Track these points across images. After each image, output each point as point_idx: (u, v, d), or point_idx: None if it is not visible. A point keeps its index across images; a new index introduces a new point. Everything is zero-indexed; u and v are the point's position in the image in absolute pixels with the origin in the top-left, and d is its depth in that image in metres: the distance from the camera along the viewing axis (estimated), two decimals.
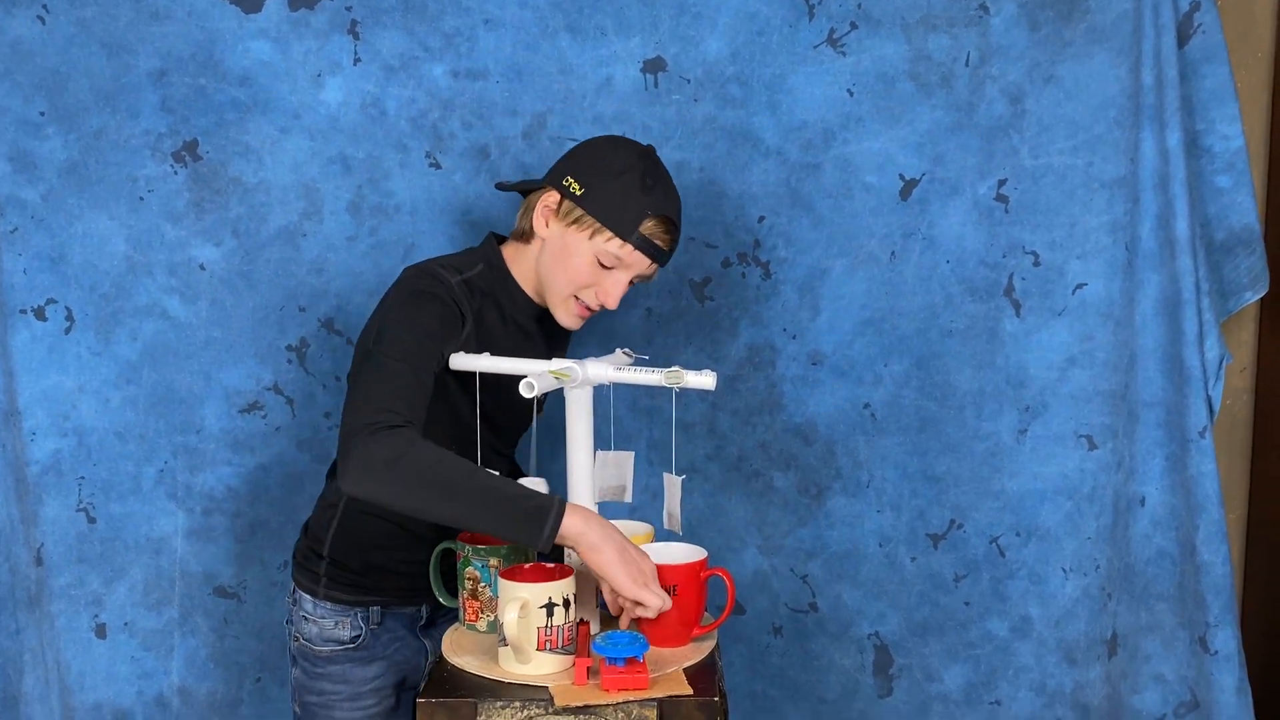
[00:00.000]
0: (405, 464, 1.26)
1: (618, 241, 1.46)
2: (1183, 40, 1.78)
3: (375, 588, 1.54)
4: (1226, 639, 1.80)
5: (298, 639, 1.56)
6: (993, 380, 1.85)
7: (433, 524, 1.36)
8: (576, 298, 1.50)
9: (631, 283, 1.52)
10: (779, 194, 1.83)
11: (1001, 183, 1.82)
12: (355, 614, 1.54)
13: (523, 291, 1.55)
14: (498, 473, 1.34)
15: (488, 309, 1.51)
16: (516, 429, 1.62)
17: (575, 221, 1.47)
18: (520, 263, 1.54)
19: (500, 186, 1.60)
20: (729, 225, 1.84)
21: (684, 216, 1.83)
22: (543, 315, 1.57)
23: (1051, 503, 1.86)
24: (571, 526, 1.27)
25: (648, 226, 1.46)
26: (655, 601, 1.28)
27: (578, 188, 1.47)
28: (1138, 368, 1.82)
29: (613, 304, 1.49)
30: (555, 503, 1.28)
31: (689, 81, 1.81)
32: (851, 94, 1.81)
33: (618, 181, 1.46)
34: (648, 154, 1.51)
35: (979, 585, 1.88)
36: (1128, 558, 1.85)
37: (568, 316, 1.52)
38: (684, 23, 1.79)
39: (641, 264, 1.49)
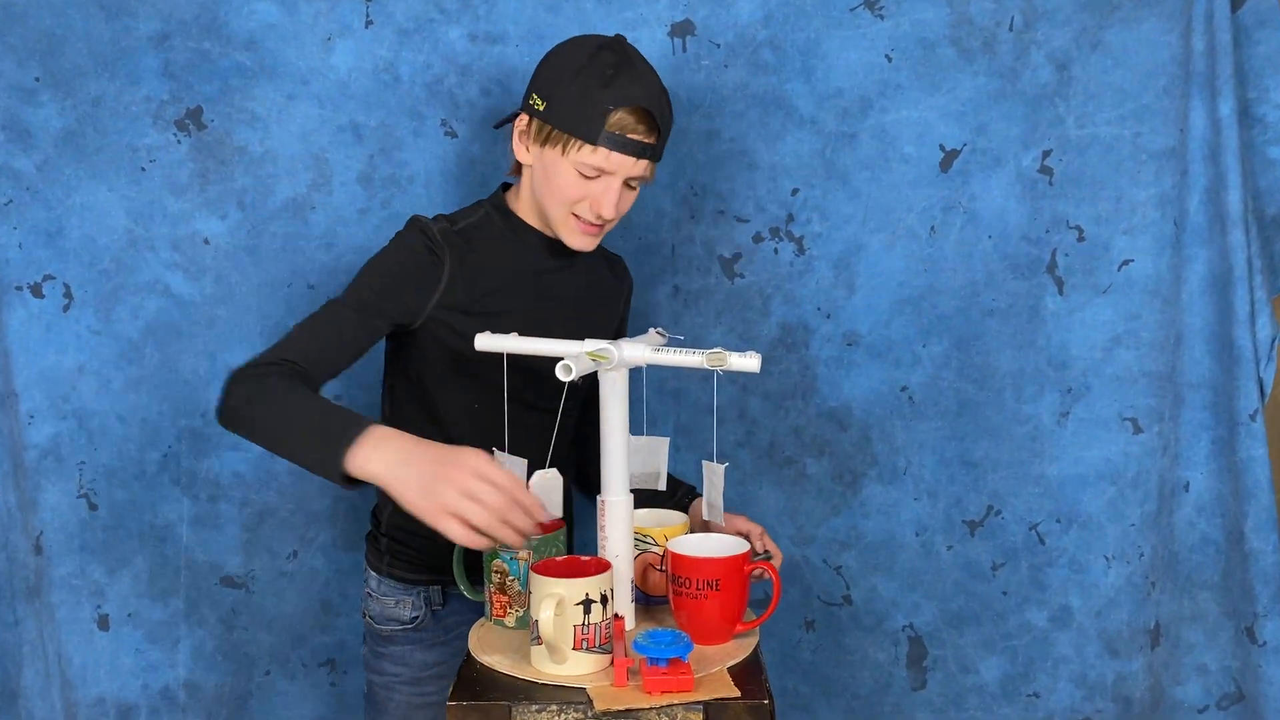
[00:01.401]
0: (246, 397, 1.24)
1: (588, 148, 1.36)
2: (1236, 4, 1.71)
3: (434, 566, 1.48)
4: (1276, 630, 1.74)
5: (365, 615, 1.55)
6: (1034, 361, 1.78)
7: None
8: (575, 215, 1.42)
9: (631, 186, 1.43)
10: (813, 165, 1.75)
11: (1046, 154, 1.74)
12: (417, 593, 1.50)
13: (532, 229, 1.48)
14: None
15: (492, 254, 1.44)
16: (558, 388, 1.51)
17: (547, 139, 1.39)
18: (523, 199, 1.48)
19: (497, 126, 1.53)
20: (760, 198, 1.76)
21: (713, 189, 1.76)
22: (570, 254, 1.50)
23: (1094, 488, 1.80)
24: (365, 471, 1.14)
25: (615, 121, 1.36)
26: (463, 535, 1.12)
27: (540, 102, 1.39)
28: (1184, 348, 1.76)
29: (609, 213, 1.40)
30: (345, 441, 1.14)
31: (719, 46, 1.72)
32: (890, 60, 1.72)
33: (575, 83, 1.36)
34: (609, 44, 1.40)
35: (1017, 574, 1.82)
36: (1172, 545, 1.79)
37: (573, 236, 1.44)
38: None
39: (625, 165, 1.38)
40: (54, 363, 1.69)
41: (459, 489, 1.12)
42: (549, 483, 1.30)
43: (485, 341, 1.33)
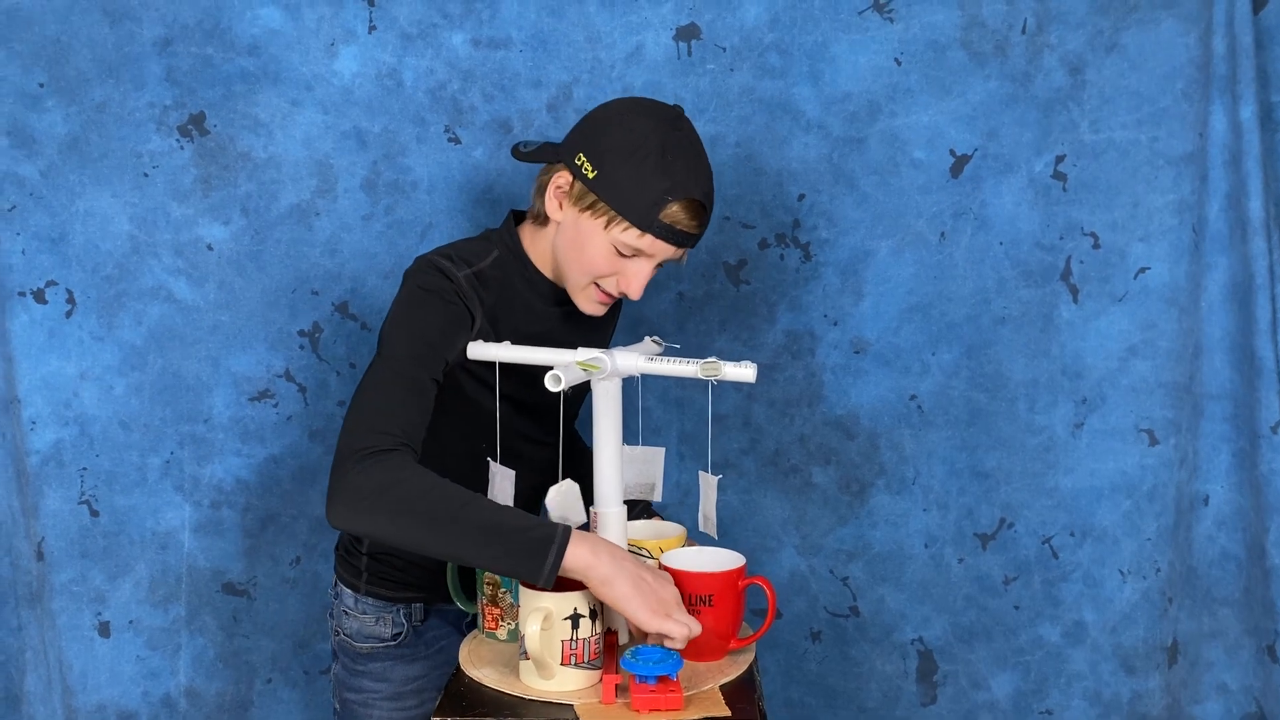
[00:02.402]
0: (392, 496, 1.16)
1: (635, 231, 1.31)
2: (1258, 5, 1.67)
3: (417, 584, 1.47)
4: None
5: (338, 633, 1.50)
6: (1047, 370, 1.74)
7: None
8: (596, 284, 1.37)
9: (659, 265, 1.38)
10: (820, 170, 1.72)
11: (1059, 159, 1.70)
12: (398, 610, 1.47)
13: (544, 277, 1.42)
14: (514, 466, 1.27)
15: (506, 302, 1.38)
16: (556, 410, 1.48)
17: (589, 207, 1.32)
18: (538, 245, 1.41)
19: (518, 154, 1.41)
20: (766, 204, 1.73)
21: (718, 195, 1.73)
22: (569, 300, 1.46)
23: (1109, 501, 1.75)
24: (577, 559, 1.15)
25: (669, 212, 1.30)
26: (680, 631, 1.17)
27: (590, 169, 1.31)
28: (1203, 358, 1.72)
29: (635, 294, 1.35)
30: (558, 534, 1.15)
31: (724, 50, 1.70)
32: (899, 63, 1.69)
33: (632, 161, 1.29)
34: (669, 122, 1.32)
35: (1030, 588, 1.78)
36: (1190, 560, 1.75)
37: (588, 303, 1.39)
38: None
39: (665, 251, 1.33)
40: (56, 369, 1.69)
41: (678, 605, 1.19)
42: (568, 494, 1.25)
43: (478, 350, 1.31)
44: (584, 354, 1.24)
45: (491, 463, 1.33)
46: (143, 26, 1.65)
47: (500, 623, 1.31)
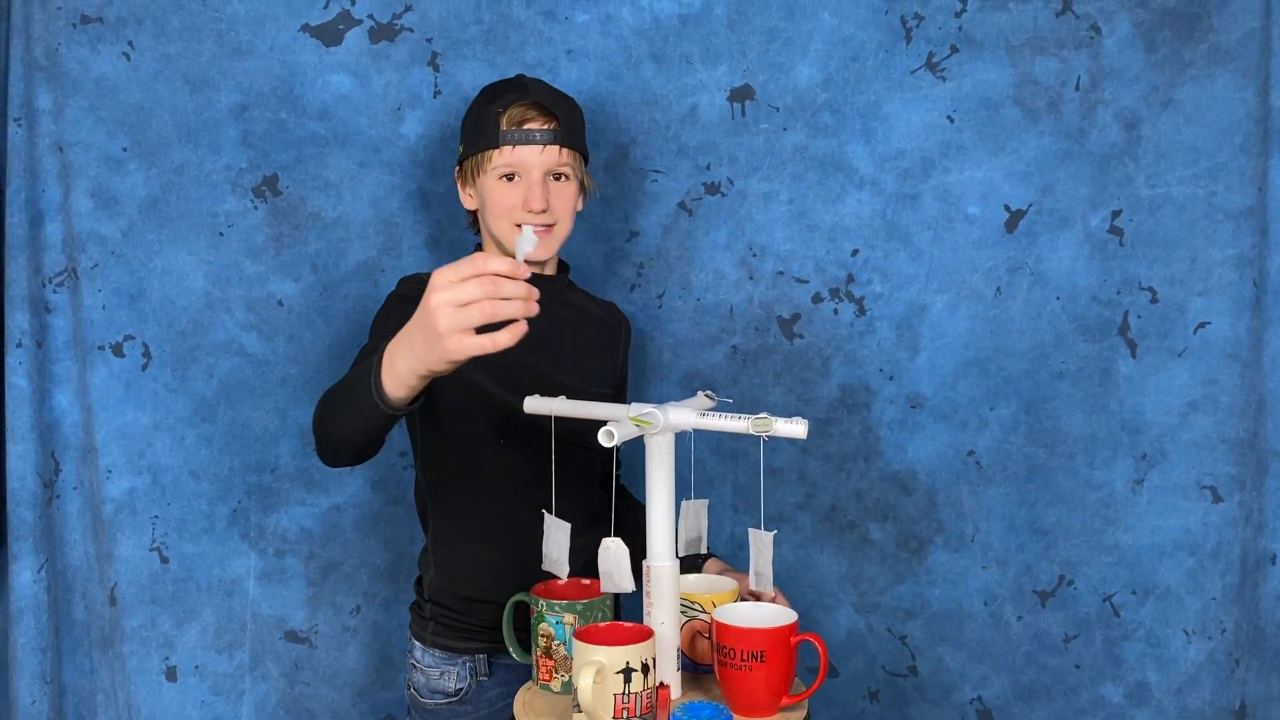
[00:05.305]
0: (323, 418, 1.25)
1: (495, 153, 1.47)
2: None
3: (479, 630, 1.49)
4: None
5: (409, 687, 1.54)
6: (1106, 426, 1.73)
7: (524, 559, 1.36)
8: (519, 226, 1.48)
9: (560, 178, 1.49)
10: (874, 226, 1.74)
11: (1115, 214, 1.70)
12: (463, 663, 1.50)
13: None
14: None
15: None
16: (593, 452, 1.50)
17: (472, 173, 1.51)
18: (488, 243, 1.55)
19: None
20: (820, 259, 1.75)
21: (772, 250, 1.76)
22: (551, 288, 1.51)
23: (1171, 559, 1.72)
24: (398, 386, 1.08)
25: (508, 118, 1.46)
26: (477, 341, 1.00)
27: (461, 149, 1.54)
28: (1268, 413, 1.69)
29: (537, 204, 1.46)
30: (373, 367, 1.11)
31: (778, 110, 1.73)
32: (952, 121, 1.71)
33: (472, 112, 1.52)
34: (498, 81, 1.54)
35: (1091, 647, 1.75)
36: (1257, 620, 1.71)
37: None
38: (773, 49, 1.72)
39: (532, 154, 1.46)
40: (132, 419, 1.75)
41: (442, 316, 1.00)
42: (616, 553, 1.24)
43: (534, 404, 1.34)
44: (637, 410, 1.27)
45: (547, 515, 1.35)
46: (220, 94, 1.73)
47: (554, 674, 1.32)
